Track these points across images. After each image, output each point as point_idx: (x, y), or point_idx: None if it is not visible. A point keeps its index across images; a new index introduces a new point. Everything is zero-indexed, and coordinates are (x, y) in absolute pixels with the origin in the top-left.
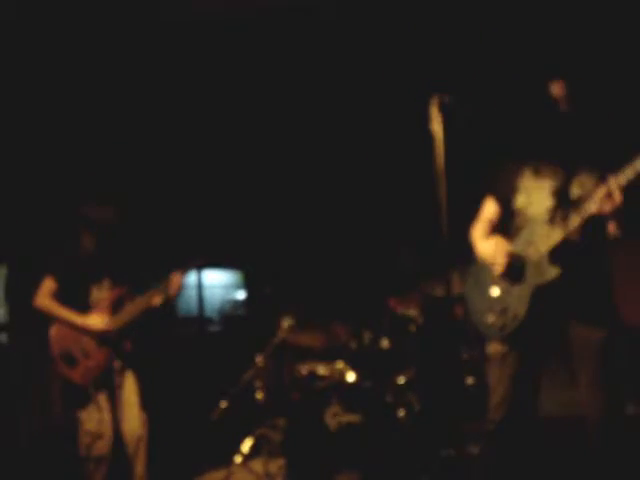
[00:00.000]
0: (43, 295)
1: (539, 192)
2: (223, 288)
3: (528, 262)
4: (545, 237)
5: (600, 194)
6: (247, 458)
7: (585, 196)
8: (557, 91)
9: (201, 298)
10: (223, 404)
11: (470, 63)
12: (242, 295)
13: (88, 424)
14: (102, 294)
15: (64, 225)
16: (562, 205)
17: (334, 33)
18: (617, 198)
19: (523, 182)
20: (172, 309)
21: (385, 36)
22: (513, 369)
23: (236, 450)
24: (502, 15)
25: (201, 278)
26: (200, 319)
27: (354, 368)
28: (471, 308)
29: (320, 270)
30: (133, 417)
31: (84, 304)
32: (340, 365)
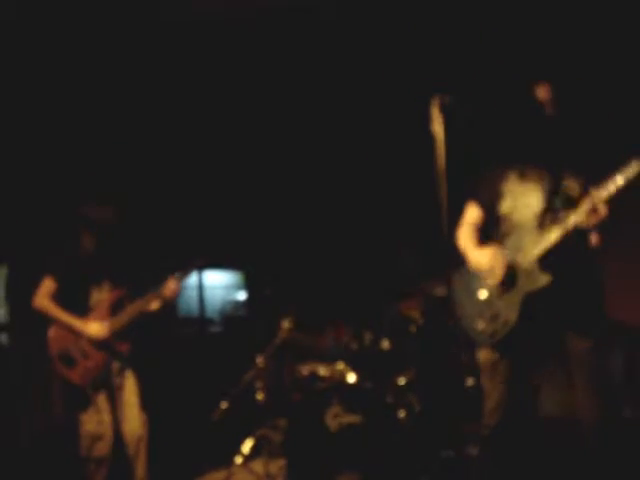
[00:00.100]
0: (42, 295)
1: (525, 197)
2: (224, 289)
3: (519, 269)
4: (534, 243)
5: (585, 207)
6: (248, 459)
7: (571, 202)
8: (543, 95)
9: (202, 299)
10: (224, 405)
11: (470, 63)
12: (243, 296)
13: (88, 425)
14: (102, 296)
15: (64, 225)
16: (549, 210)
17: (334, 33)
18: (602, 211)
19: (508, 187)
20: (173, 310)
21: (385, 36)
22: (505, 375)
23: (237, 451)
24: (501, 15)
25: (202, 279)
26: (201, 320)
27: (355, 369)
28: (461, 313)
29: (320, 271)
30: (133, 418)
31: (84, 306)
32: (341, 366)
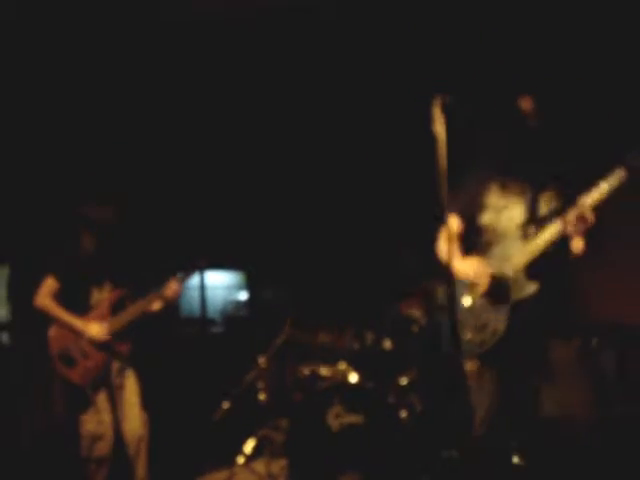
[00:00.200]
0: (44, 295)
1: (508, 210)
2: (225, 289)
3: (506, 279)
4: (520, 252)
5: (571, 215)
6: (249, 459)
7: (555, 212)
8: (526, 106)
9: (203, 299)
10: (225, 405)
11: (470, 63)
12: (244, 296)
13: (88, 425)
14: (102, 296)
15: (65, 225)
16: (533, 221)
17: (334, 33)
18: (590, 218)
19: (490, 200)
20: (175, 310)
21: (386, 36)
22: (494, 385)
23: (238, 451)
24: (501, 15)
25: (203, 279)
26: (202, 320)
27: (356, 369)
28: (447, 324)
29: (321, 271)
30: (134, 417)
31: (84, 306)
32: (342, 366)
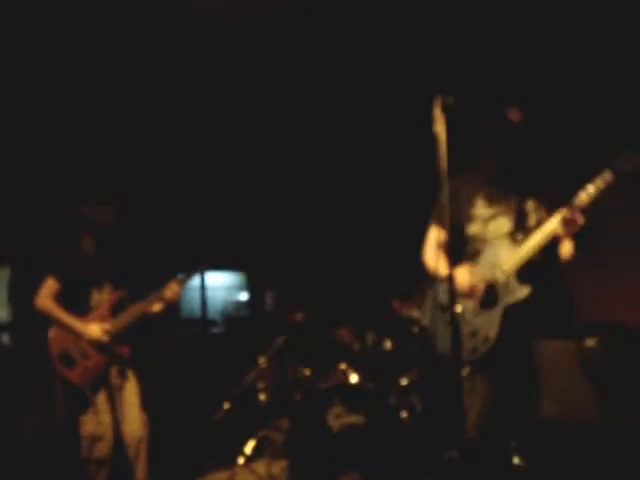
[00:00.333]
0: (44, 296)
1: (495, 220)
2: (226, 290)
3: (497, 285)
4: (510, 257)
5: (560, 217)
6: (250, 459)
7: (543, 218)
8: (514, 117)
9: (204, 299)
10: (226, 405)
11: (471, 63)
12: (245, 296)
13: (88, 426)
14: (102, 297)
15: (66, 226)
16: (520, 228)
17: (334, 33)
18: (579, 220)
19: (477, 210)
20: (175, 310)
21: (386, 36)
22: (486, 387)
23: (239, 451)
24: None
25: (204, 280)
26: (203, 320)
27: (357, 369)
28: (436, 334)
29: (322, 271)
30: (133, 418)
31: (85, 307)
32: (343, 366)
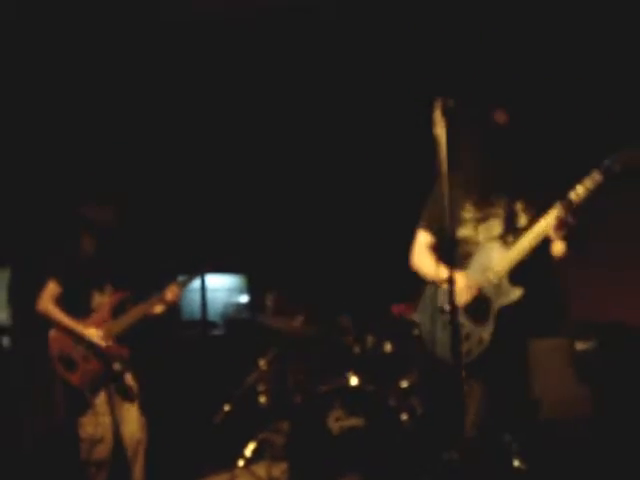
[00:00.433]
0: (46, 299)
1: (485, 223)
2: (226, 291)
3: (489, 288)
4: (502, 259)
5: (551, 218)
6: (250, 462)
7: (534, 218)
8: (501, 119)
9: (204, 301)
10: (226, 407)
11: (472, 65)
12: (245, 299)
13: (87, 428)
14: (103, 299)
15: (66, 227)
16: (511, 230)
17: (334, 33)
18: (570, 221)
19: (466, 214)
20: (175, 312)
21: (386, 37)
22: (481, 391)
23: (239, 454)
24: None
25: (204, 282)
26: (203, 322)
27: (357, 372)
28: (428, 338)
29: (323, 273)
30: (132, 421)
31: (86, 309)
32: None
